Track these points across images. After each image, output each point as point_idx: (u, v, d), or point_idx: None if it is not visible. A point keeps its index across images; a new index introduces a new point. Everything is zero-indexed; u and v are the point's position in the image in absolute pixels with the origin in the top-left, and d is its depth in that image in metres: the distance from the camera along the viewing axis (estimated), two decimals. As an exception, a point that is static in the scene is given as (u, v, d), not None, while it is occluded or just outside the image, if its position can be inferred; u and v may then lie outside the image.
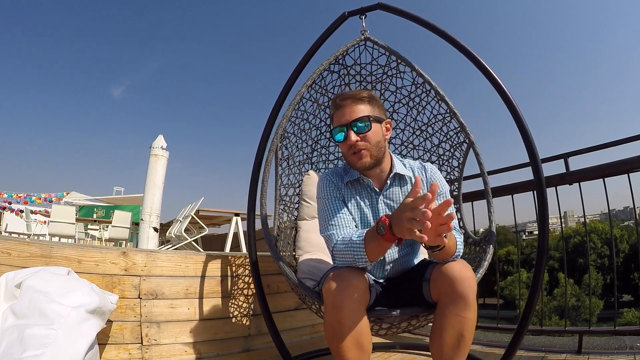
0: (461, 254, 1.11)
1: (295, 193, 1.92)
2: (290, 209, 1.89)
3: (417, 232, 0.84)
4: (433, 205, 0.84)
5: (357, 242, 1.03)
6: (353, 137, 1.14)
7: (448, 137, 1.70)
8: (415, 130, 1.84)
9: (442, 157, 1.75)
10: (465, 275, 1.00)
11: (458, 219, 1.57)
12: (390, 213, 1.00)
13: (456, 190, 1.66)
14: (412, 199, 0.85)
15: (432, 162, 1.76)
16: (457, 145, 1.67)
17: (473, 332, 1.01)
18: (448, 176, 1.71)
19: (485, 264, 1.27)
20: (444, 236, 0.87)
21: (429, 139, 1.79)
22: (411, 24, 1.60)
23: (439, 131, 1.74)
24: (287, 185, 1.86)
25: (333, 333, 0.99)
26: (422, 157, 1.82)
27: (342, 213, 1.19)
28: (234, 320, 1.85)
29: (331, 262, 1.26)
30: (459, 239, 1.10)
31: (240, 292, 1.91)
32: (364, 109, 1.17)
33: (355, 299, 0.98)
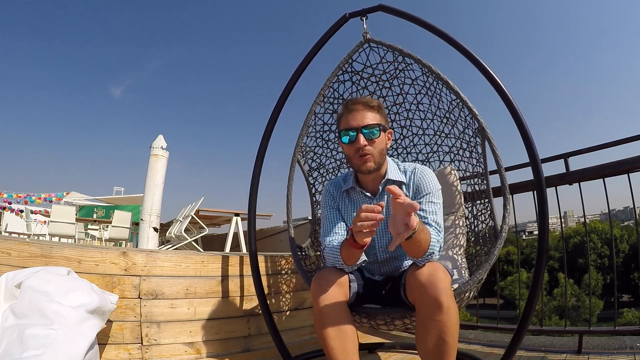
0: (436, 253, 1.10)
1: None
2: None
3: (365, 231, 0.94)
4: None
5: (336, 248, 1.19)
6: (362, 140, 1.22)
7: (467, 122, 1.64)
8: (442, 118, 1.79)
9: (470, 143, 1.68)
10: (435, 279, 1.00)
11: (489, 211, 1.53)
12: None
13: (484, 183, 1.57)
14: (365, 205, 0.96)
15: (464, 150, 1.71)
16: (477, 130, 1.60)
17: (456, 334, 1.00)
18: (478, 164, 1.63)
19: (487, 266, 1.23)
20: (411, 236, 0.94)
21: (455, 126, 1.73)
22: (412, 26, 1.59)
23: (459, 117, 1.67)
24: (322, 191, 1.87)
25: (316, 321, 1.12)
26: (454, 145, 1.76)
27: (335, 221, 1.33)
28: (234, 320, 1.85)
29: None
30: (435, 236, 1.10)
31: (240, 292, 1.91)
32: (374, 117, 1.25)
33: (332, 293, 1.12)
